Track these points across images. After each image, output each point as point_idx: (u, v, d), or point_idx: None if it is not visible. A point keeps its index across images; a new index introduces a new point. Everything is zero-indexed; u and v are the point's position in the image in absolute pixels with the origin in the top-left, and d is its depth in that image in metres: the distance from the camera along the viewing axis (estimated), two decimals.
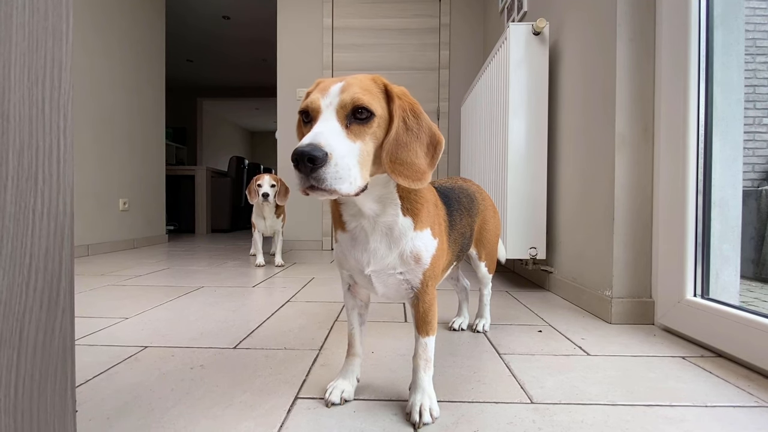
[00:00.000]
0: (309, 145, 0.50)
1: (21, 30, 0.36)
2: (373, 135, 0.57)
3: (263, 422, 0.66)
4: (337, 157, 0.51)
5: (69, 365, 0.42)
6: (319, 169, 0.50)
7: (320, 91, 0.58)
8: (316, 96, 0.57)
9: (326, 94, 0.56)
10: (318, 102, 0.56)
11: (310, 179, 0.51)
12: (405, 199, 0.66)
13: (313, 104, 0.57)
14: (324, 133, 0.53)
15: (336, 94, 0.56)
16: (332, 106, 0.56)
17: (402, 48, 3.12)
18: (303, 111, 0.59)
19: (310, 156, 0.49)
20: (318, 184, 0.51)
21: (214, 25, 4.59)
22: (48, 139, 0.40)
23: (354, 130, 0.56)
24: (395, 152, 0.58)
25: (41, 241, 0.39)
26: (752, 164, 2.04)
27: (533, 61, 1.64)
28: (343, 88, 0.56)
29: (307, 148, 0.49)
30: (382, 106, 0.59)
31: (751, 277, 1.84)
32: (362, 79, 0.59)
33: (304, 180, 0.51)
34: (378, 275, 0.67)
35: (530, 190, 1.66)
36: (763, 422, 0.67)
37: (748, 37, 1.96)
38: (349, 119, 0.56)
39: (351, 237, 0.68)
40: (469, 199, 0.96)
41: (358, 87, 0.57)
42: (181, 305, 1.41)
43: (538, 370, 0.88)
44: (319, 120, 0.55)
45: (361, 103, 0.55)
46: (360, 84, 0.58)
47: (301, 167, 0.50)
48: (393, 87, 0.61)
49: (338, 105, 0.56)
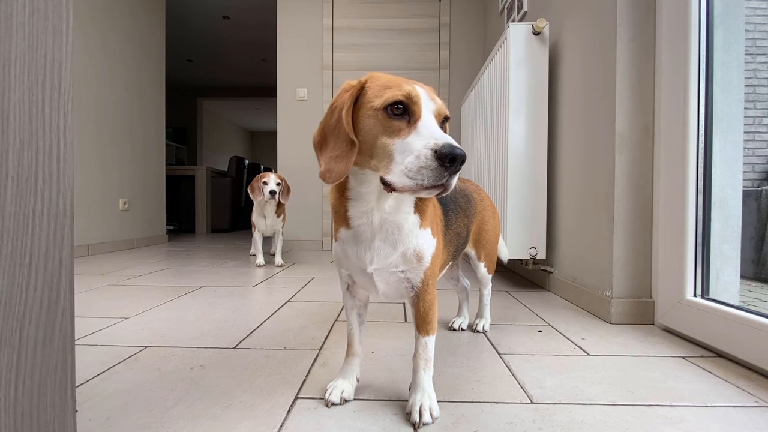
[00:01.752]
0: (461, 148, 0.52)
1: (21, 30, 0.36)
2: None
3: (263, 422, 0.66)
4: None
5: (69, 365, 0.42)
6: (459, 171, 0.53)
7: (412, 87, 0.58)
8: (417, 91, 0.57)
9: (420, 95, 0.57)
10: (421, 98, 0.57)
11: (448, 177, 0.52)
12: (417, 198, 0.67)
13: (417, 99, 0.57)
14: (449, 139, 0.54)
15: (428, 98, 0.58)
16: (429, 108, 0.57)
17: (402, 48, 3.12)
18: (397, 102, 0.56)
19: (463, 158, 0.52)
20: (449, 183, 0.53)
21: (214, 25, 4.59)
22: (48, 139, 0.40)
23: None
24: None
25: (41, 241, 0.39)
26: (752, 164, 2.04)
27: (533, 61, 1.64)
28: (431, 95, 0.59)
29: (462, 151, 0.52)
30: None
31: (751, 277, 1.84)
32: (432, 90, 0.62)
33: (441, 177, 0.52)
34: (380, 274, 0.67)
35: (530, 190, 1.66)
36: (762, 422, 0.67)
37: (748, 37, 1.96)
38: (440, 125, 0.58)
39: (355, 234, 0.67)
40: (466, 200, 0.96)
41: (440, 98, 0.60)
42: (181, 305, 1.41)
43: (538, 370, 0.88)
44: (428, 119, 0.56)
45: (448, 114, 0.59)
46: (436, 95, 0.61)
47: (452, 168, 0.52)
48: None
49: (435, 110, 0.58)
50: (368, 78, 0.61)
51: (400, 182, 0.54)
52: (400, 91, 0.56)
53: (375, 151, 0.58)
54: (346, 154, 0.59)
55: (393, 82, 0.59)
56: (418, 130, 0.55)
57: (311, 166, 3.21)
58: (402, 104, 0.56)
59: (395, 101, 0.56)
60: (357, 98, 0.60)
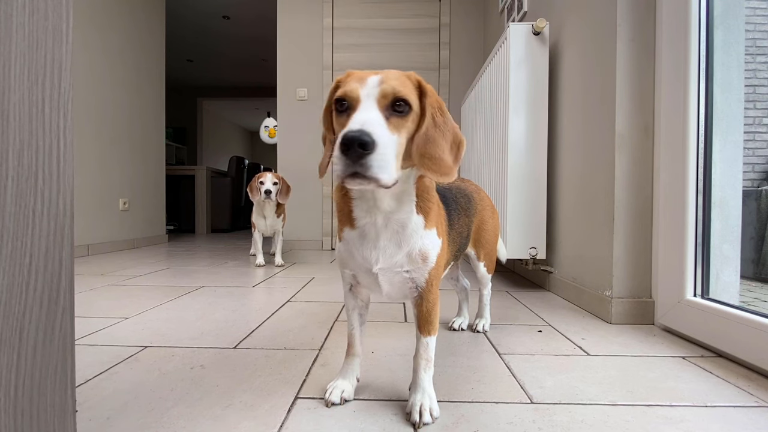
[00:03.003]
0: (360, 130, 0.50)
1: (21, 30, 0.36)
2: (407, 129, 0.58)
3: (263, 422, 0.66)
4: (382, 146, 0.51)
5: (69, 365, 0.42)
6: (367, 155, 0.50)
7: (357, 80, 0.58)
8: (354, 85, 0.57)
9: (365, 84, 0.57)
10: (357, 91, 0.56)
11: (355, 165, 0.50)
12: (420, 198, 0.67)
13: (353, 92, 0.56)
14: (371, 121, 0.53)
15: (375, 84, 0.56)
16: (372, 96, 0.56)
17: (402, 48, 3.12)
18: (339, 99, 0.58)
19: (361, 141, 0.49)
20: (363, 171, 0.50)
21: (214, 25, 4.59)
22: (48, 139, 0.40)
23: (393, 122, 0.56)
24: (425, 146, 0.59)
25: (41, 241, 0.39)
26: (752, 164, 2.04)
27: (533, 61, 1.64)
28: (382, 80, 0.57)
29: (358, 134, 0.49)
30: (416, 102, 0.59)
31: (751, 277, 1.84)
32: (398, 74, 0.59)
33: (349, 166, 0.50)
34: (385, 273, 0.67)
35: (530, 190, 1.66)
36: (762, 422, 0.67)
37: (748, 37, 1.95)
38: (388, 111, 0.56)
39: (360, 234, 0.67)
40: (466, 199, 0.96)
41: (396, 80, 0.57)
42: (181, 305, 1.41)
43: (538, 370, 0.88)
44: (360, 108, 0.55)
45: (401, 95, 0.56)
46: (397, 77, 0.58)
47: (351, 153, 0.50)
48: (425, 83, 0.62)
49: (379, 95, 0.56)
50: (345, 76, 0.62)
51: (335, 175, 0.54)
52: (342, 89, 0.58)
53: None
54: (327, 149, 0.64)
55: (352, 78, 0.59)
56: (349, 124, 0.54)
57: (311, 166, 3.21)
58: (344, 100, 0.57)
59: (337, 99, 0.58)
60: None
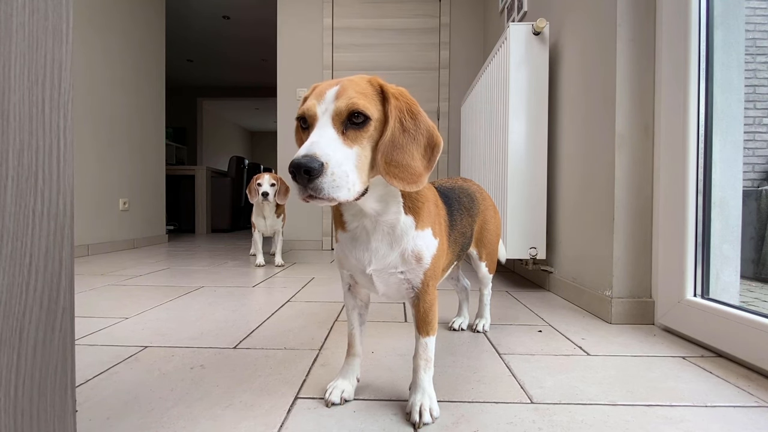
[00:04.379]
0: (305, 156, 0.50)
1: (21, 30, 0.36)
2: (369, 138, 0.57)
3: (263, 422, 0.66)
4: (334, 165, 0.52)
5: (69, 365, 0.42)
6: (315, 179, 0.51)
7: (316, 96, 0.57)
8: (312, 102, 0.57)
9: (322, 100, 0.56)
10: (314, 109, 0.56)
11: (308, 189, 0.52)
12: (407, 198, 0.66)
13: (310, 111, 0.57)
14: (319, 142, 0.53)
15: (331, 99, 0.56)
16: (328, 112, 0.56)
17: (402, 48, 3.12)
18: (300, 117, 0.59)
19: (306, 168, 0.50)
20: (316, 194, 0.52)
21: (214, 25, 4.59)
22: (48, 139, 0.40)
23: (350, 135, 0.55)
24: (390, 154, 0.57)
25: (41, 241, 0.39)
26: (752, 164, 2.04)
27: (533, 61, 1.64)
28: (338, 93, 0.56)
29: (303, 160, 0.50)
30: (378, 109, 0.58)
31: (751, 277, 1.84)
32: (358, 82, 0.58)
33: (302, 190, 0.52)
34: (379, 274, 0.67)
35: (530, 190, 1.66)
36: (762, 422, 0.67)
37: (748, 37, 1.95)
38: (345, 125, 0.55)
39: (352, 237, 0.68)
40: (469, 199, 0.96)
41: (354, 91, 0.56)
42: (181, 305, 1.41)
43: (538, 370, 0.88)
44: (316, 128, 0.55)
45: (356, 108, 0.55)
46: (355, 87, 0.57)
47: (299, 179, 0.51)
48: (389, 87, 0.60)
49: (334, 112, 0.55)
50: (309, 91, 0.62)
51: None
52: (302, 107, 0.58)
53: None
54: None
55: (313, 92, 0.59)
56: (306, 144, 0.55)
57: None
58: (304, 118, 0.58)
59: (299, 117, 0.59)
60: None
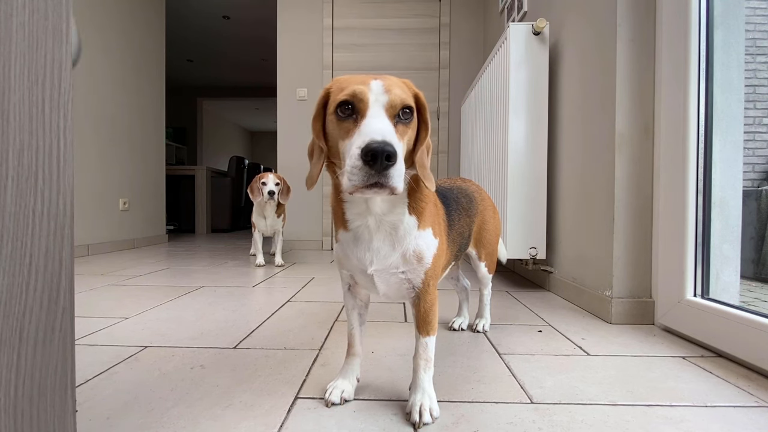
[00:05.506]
0: (384, 141, 0.49)
1: (21, 30, 0.36)
2: (409, 136, 0.59)
3: (263, 422, 0.66)
4: (398, 155, 0.51)
5: (69, 365, 0.42)
6: (391, 167, 0.50)
7: (360, 83, 0.56)
8: (362, 88, 0.55)
9: (370, 89, 0.55)
10: (366, 94, 0.55)
11: (378, 176, 0.50)
12: (411, 198, 0.66)
13: (362, 95, 0.55)
14: (387, 130, 0.52)
15: (381, 91, 0.55)
16: (380, 102, 0.55)
17: (402, 48, 3.12)
18: (344, 102, 0.56)
19: (388, 153, 0.49)
20: (385, 181, 0.50)
21: (214, 25, 4.59)
22: (48, 139, 0.39)
23: (399, 129, 0.56)
24: (423, 156, 0.61)
25: (41, 241, 0.39)
26: (752, 164, 2.04)
27: (533, 61, 1.64)
28: (386, 87, 0.56)
29: (383, 145, 0.48)
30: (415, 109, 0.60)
31: (751, 277, 1.84)
32: (397, 81, 0.59)
33: (371, 177, 0.50)
34: (380, 274, 0.67)
35: (530, 190, 1.66)
36: (763, 422, 0.67)
37: (748, 37, 1.96)
38: (396, 118, 0.56)
39: (354, 236, 0.68)
40: (467, 199, 0.96)
41: (399, 88, 0.57)
42: (181, 305, 1.41)
43: (538, 370, 0.88)
44: (371, 115, 0.54)
45: (407, 104, 0.56)
46: (399, 84, 0.58)
47: (376, 164, 0.49)
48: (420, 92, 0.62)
49: (388, 103, 0.55)
50: (332, 83, 0.61)
51: (344, 185, 0.53)
52: (347, 91, 0.56)
53: (338, 154, 0.58)
54: (318, 159, 0.62)
55: (349, 81, 0.58)
56: (360, 129, 0.53)
57: None
58: (349, 104, 0.55)
59: (342, 102, 0.56)
60: (326, 105, 0.61)
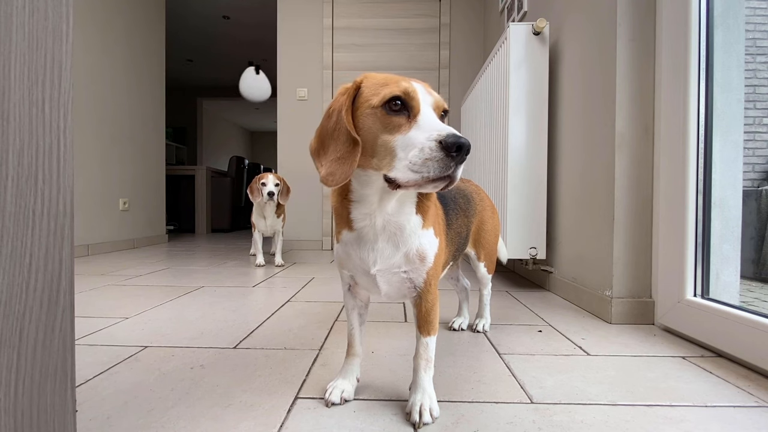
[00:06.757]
0: (464, 137, 0.52)
1: (21, 30, 0.36)
2: None
3: (263, 422, 0.66)
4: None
5: (69, 365, 0.42)
6: (463, 162, 0.53)
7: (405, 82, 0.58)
8: (414, 86, 0.57)
9: (417, 89, 0.57)
10: (418, 94, 0.57)
11: (455, 168, 0.52)
12: (419, 197, 0.67)
13: (415, 94, 0.57)
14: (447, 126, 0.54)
15: (425, 91, 0.58)
16: (427, 102, 0.57)
17: (402, 48, 3.12)
18: (396, 97, 0.56)
19: (468, 148, 0.51)
20: (455, 174, 0.53)
21: (214, 25, 4.59)
22: (48, 139, 0.39)
23: None
24: None
25: (41, 241, 0.39)
26: (752, 164, 2.04)
27: (533, 61, 1.64)
28: (428, 89, 0.59)
29: (466, 139, 0.51)
30: None
31: (751, 277, 1.84)
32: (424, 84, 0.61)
33: (450, 168, 0.52)
34: (383, 274, 0.67)
35: (530, 190, 1.66)
36: (763, 422, 0.67)
37: (748, 37, 1.95)
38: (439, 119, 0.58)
39: (358, 236, 0.67)
40: (465, 200, 0.96)
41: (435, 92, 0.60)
42: (181, 305, 1.41)
43: (538, 370, 0.88)
44: (426, 113, 0.56)
45: (446, 107, 0.59)
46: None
47: (458, 157, 0.51)
48: None
49: (434, 104, 0.57)
50: (363, 78, 0.61)
51: (404, 177, 0.54)
52: (398, 87, 0.56)
53: (376, 149, 0.57)
54: (349, 155, 0.58)
55: (389, 79, 0.59)
56: (418, 124, 0.55)
57: (311, 166, 3.21)
58: (400, 100, 0.56)
59: (393, 97, 0.56)
60: (354, 99, 0.60)
